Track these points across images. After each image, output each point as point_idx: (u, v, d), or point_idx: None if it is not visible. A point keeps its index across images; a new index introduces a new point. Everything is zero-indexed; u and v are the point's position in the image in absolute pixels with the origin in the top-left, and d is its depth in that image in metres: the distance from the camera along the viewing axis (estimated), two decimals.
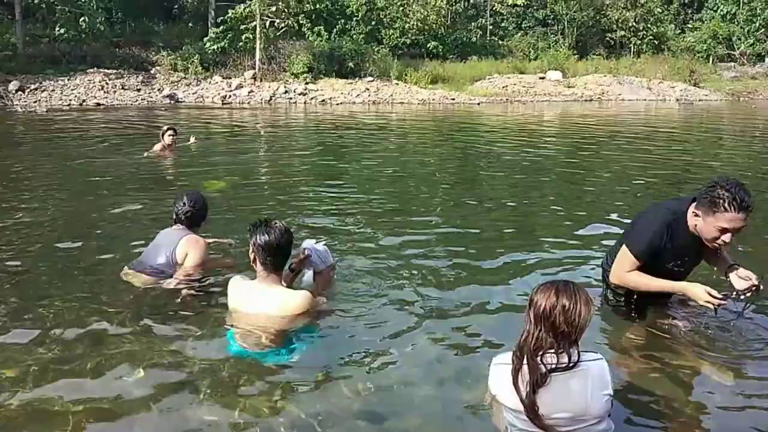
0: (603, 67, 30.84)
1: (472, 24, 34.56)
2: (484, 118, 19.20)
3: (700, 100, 27.36)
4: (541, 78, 28.66)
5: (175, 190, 6.68)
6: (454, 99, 24.75)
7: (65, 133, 13.21)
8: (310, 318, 3.58)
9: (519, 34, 35.18)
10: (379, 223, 6.08)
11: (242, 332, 3.49)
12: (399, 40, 29.34)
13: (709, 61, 35.02)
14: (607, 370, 2.51)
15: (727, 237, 3.17)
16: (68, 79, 21.60)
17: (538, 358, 2.45)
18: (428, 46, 29.97)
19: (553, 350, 2.45)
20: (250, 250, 3.48)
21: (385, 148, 12.22)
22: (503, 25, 36.37)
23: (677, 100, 27.33)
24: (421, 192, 7.85)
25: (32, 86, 20.54)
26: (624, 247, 3.53)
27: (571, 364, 2.43)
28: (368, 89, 24.62)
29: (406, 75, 26.26)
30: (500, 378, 2.57)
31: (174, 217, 4.34)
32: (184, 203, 4.28)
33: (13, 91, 19.99)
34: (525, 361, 2.47)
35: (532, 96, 26.52)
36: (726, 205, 3.10)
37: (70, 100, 20.31)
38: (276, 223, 3.48)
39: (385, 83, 25.45)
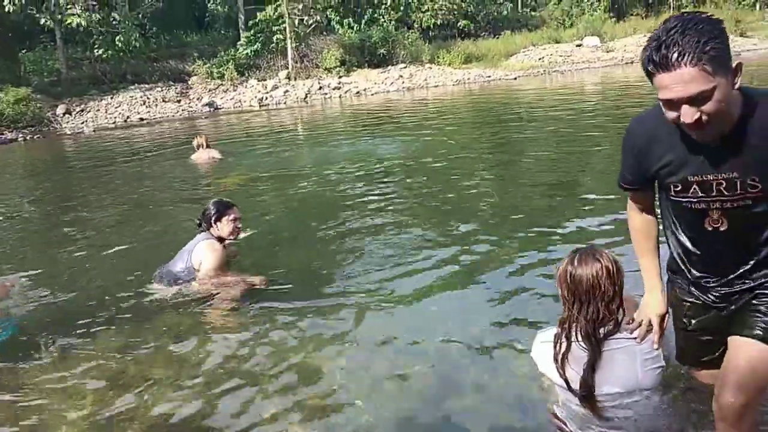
0: (642, 27, 29.75)
1: None
2: (521, 92, 18.84)
3: (747, 50, 26.05)
4: (578, 45, 27.92)
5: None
6: (490, 76, 24.38)
7: (111, 151, 13.65)
8: None
9: (552, 2, 34.31)
10: (419, 195, 6.10)
11: None
12: (430, 21, 29.05)
13: (756, 8, 33.35)
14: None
15: (685, 114, 1.76)
16: (111, 98, 22.32)
17: (580, 333, 2.39)
18: (459, 25, 29.58)
19: (596, 321, 2.38)
20: None
21: (421, 131, 12.13)
22: None
23: None
24: (462, 173, 7.78)
25: (78, 108, 21.31)
26: None
27: (618, 331, 2.38)
28: (401, 76, 24.51)
29: (438, 57, 26.00)
30: (547, 356, 2.53)
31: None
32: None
33: (61, 115, 20.77)
34: (571, 340, 2.42)
35: (570, 65, 25.89)
36: (645, 66, 1.80)
37: (115, 117, 20.98)
38: None
39: (418, 68, 25.28)
